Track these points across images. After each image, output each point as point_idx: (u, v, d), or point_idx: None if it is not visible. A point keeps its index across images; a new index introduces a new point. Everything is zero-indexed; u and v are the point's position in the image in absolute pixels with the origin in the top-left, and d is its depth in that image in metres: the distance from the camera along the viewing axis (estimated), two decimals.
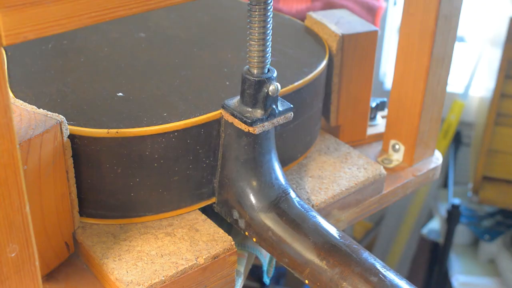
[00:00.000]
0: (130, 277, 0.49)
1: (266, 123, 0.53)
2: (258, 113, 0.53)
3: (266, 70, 0.53)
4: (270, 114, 0.53)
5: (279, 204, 0.54)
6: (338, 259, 0.49)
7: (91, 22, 0.36)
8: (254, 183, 0.55)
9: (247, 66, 0.53)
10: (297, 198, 0.55)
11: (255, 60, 0.52)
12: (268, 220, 0.53)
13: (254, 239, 0.54)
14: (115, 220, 0.55)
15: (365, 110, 0.71)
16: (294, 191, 0.55)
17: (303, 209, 0.53)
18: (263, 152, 0.55)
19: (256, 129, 0.53)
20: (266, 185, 0.55)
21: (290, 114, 0.55)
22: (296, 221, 0.52)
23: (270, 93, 0.52)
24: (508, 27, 1.24)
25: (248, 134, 0.54)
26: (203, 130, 0.54)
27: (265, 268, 0.62)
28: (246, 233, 0.55)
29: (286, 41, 0.69)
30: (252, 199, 0.54)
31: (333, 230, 0.51)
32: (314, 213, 0.53)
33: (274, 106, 0.54)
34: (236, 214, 0.55)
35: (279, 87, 0.53)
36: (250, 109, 0.53)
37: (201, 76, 0.61)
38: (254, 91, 0.53)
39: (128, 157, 0.52)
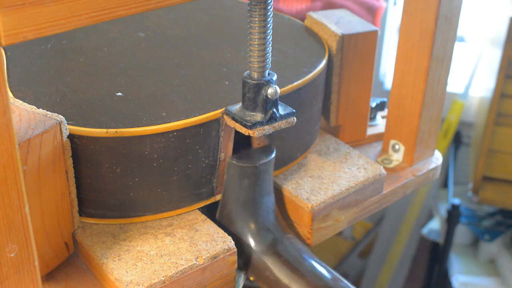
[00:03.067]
0: (130, 277, 0.49)
1: (266, 127, 0.53)
2: (258, 116, 0.53)
3: (266, 74, 0.53)
4: (270, 118, 0.53)
5: (277, 246, 0.55)
6: None
7: (90, 22, 0.36)
8: (253, 224, 0.56)
9: (248, 71, 0.53)
10: (294, 239, 0.56)
11: (256, 61, 0.52)
12: (267, 261, 0.54)
13: (252, 278, 0.55)
14: (114, 220, 0.55)
15: (365, 110, 0.71)
16: (290, 233, 0.57)
17: (300, 251, 0.55)
18: (262, 194, 0.56)
19: (256, 132, 0.53)
20: (264, 227, 0.56)
21: (293, 119, 0.55)
22: (294, 263, 0.53)
23: (269, 96, 0.53)
24: (508, 27, 1.24)
25: (250, 175, 0.55)
26: (202, 129, 0.54)
27: None
28: (244, 272, 0.56)
29: (285, 41, 0.69)
30: (251, 239, 0.55)
31: (328, 273, 0.53)
32: (310, 255, 0.54)
33: (274, 110, 0.54)
34: None
35: (279, 90, 0.53)
36: (250, 113, 0.53)
37: (201, 76, 0.61)
38: (254, 95, 0.53)
39: (127, 157, 0.52)
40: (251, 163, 0.55)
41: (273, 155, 0.57)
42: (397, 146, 0.71)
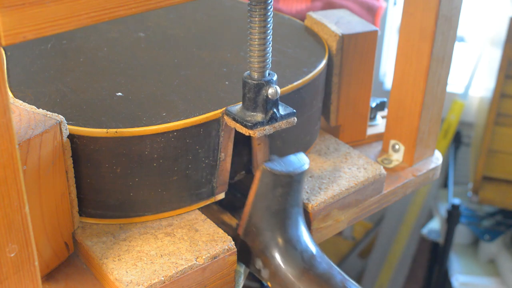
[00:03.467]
0: (130, 277, 0.49)
1: (267, 127, 0.53)
2: (259, 116, 0.53)
3: (266, 74, 0.53)
4: (271, 118, 0.53)
5: (304, 260, 0.54)
6: None
7: (90, 22, 0.36)
8: (283, 235, 0.54)
9: (248, 72, 0.53)
10: (321, 253, 0.55)
11: (256, 61, 0.52)
12: (294, 274, 0.53)
13: None
14: (114, 220, 0.55)
15: (365, 110, 0.71)
16: (317, 246, 0.56)
17: (328, 266, 0.54)
18: (293, 205, 0.55)
19: (257, 133, 0.53)
20: (292, 239, 0.54)
21: (293, 119, 0.55)
22: (322, 278, 0.52)
23: (269, 96, 0.53)
24: (508, 27, 1.24)
25: (285, 184, 0.53)
26: (203, 129, 0.54)
27: None
28: (269, 284, 0.54)
29: (285, 41, 0.69)
30: (279, 250, 0.54)
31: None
32: (338, 270, 0.53)
33: (275, 110, 0.54)
34: (259, 264, 0.55)
35: (279, 90, 0.53)
36: (251, 113, 0.53)
37: (201, 76, 0.61)
38: (254, 95, 0.53)
39: (127, 157, 0.52)
40: (287, 172, 0.54)
41: (308, 165, 0.55)
42: (397, 146, 0.71)
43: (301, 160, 0.55)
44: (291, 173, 0.53)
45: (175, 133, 0.53)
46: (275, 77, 0.54)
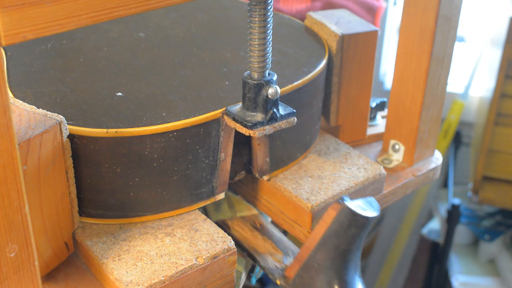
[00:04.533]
0: (130, 277, 0.49)
1: (267, 127, 0.53)
2: (259, 116, 0.53)
3: (266, 74, 0.53)
4: (271, 118, 0.53)
5: None
6: None
7: (90, 22, 0.36)
8: (343, 276, 0.53)
9: (248, 71, 0.53)
10: None
11: (256, 61, 0.52)
12: None
13: None
14: (114, 220, 0.55)
15: (365, 110, 0.71)
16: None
17: None
18: (359, 247, 0.54)
19: (257, 133, 0.53)
20: (350, 282, 0.54)
21: (293, 119, 0.55)
22: None
23: (269, 96, 0.53)
24: (508, 27, 1.24)
25: (360, 225, 0.52)
26: (202, 129, 0.54)
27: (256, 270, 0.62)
28: None
29: (285, 41, 0.69)
30: None
31: None
32: None
33: (275, 110, 0.54)
34: None
35: (279, 90, 0.53)
36: (251, 113, 0.53)
37: (201, 76, 0.61)
38: (254, 95, 0.53)
39: (128, 156, 0.52)
40: (365, 214, 0.53)
41: (379, 211, 0.55)
42: (397, 146, 0.71)
43: (372, 204, 0.55)
44: (368, 215, 0.53)
45: (175, 133, 0.53)
46: (275, 77, 0.54)
